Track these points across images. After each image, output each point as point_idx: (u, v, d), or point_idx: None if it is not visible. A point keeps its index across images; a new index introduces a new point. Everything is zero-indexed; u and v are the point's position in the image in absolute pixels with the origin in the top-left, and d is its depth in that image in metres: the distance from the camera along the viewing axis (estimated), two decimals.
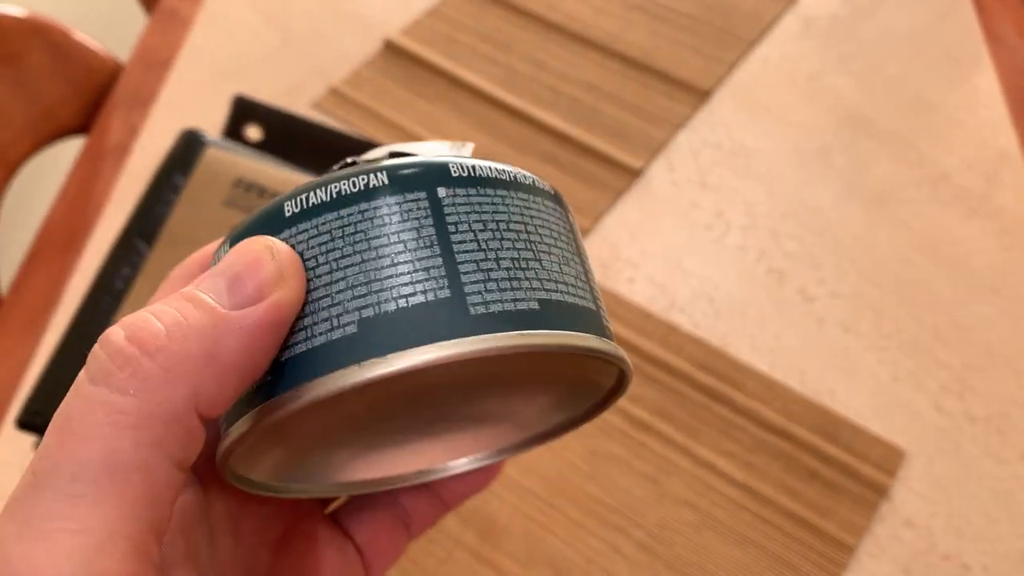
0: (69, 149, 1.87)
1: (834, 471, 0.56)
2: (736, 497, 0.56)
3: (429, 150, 0.24)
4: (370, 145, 0.66)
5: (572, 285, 0.21)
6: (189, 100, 0.77)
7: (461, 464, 0.28)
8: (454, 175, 0.20)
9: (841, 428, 0.58)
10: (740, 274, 0.66)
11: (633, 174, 0.71)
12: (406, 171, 0.20)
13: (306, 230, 0.19)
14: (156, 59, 0.81)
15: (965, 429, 0.58)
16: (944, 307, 0.64)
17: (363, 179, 0.19)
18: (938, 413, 0.59)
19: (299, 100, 0.77)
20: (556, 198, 0.23)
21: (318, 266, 0.19)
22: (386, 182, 0.20)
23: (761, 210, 0.69)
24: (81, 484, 0.16)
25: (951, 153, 0.73)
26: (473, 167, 0.21)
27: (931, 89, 0.78)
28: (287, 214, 0.20)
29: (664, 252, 0.67)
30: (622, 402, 0.59)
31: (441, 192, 0.20)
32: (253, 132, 0.67)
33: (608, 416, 0.58)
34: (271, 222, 0.20)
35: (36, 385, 0.52)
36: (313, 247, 0.19)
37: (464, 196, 0.20)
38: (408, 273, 0.19)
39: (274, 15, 0.85)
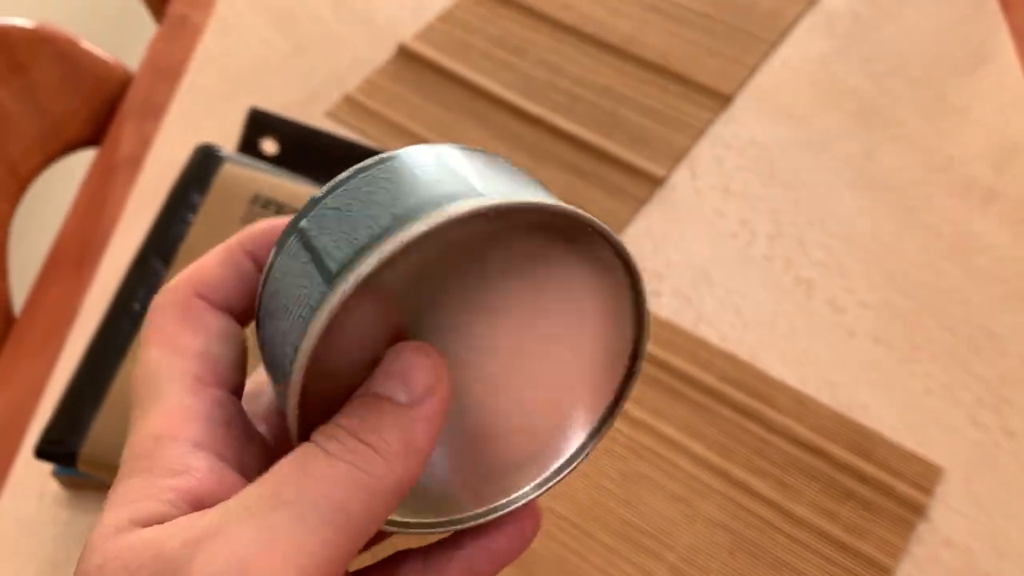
0: (81, 161, 1.85)
1: (870, 490, 0.55)
2: (771, 518, 0.54)
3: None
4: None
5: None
6: (201, 109, 0.76)
7: (526, 489, 0.28)
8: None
9: (876, 445, 0.57)
10: (767, 284, 0.64)
11: (656, 182, 0.70)
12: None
13: (360, 173, 0.23)
14: (166, 67, 0.80)
15: (1003, 444, 0.57)
16: (976, 317, 0.63)
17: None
18: (974, 427, 0.58)
19: (313, 109, 0.75)
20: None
21: (357, 195, 0.22)
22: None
23: (787, 218, 0.68)
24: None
25: (980, 157, 0.72)
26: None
27: (958, 91, 0.77)
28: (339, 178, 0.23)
29: (689, 263, 0.65)
30: (653, 420, 0.57)
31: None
32: (269, 146, 0.65)
33: (639, 436, 0.57)
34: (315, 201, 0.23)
35: (55, 414, 0.50)
36: (352, 192, 0.22)
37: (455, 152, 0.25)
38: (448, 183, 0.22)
39: (285, 21, 0.83)
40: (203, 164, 0.58)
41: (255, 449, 0.23)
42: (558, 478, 0.28)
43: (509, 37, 0.81)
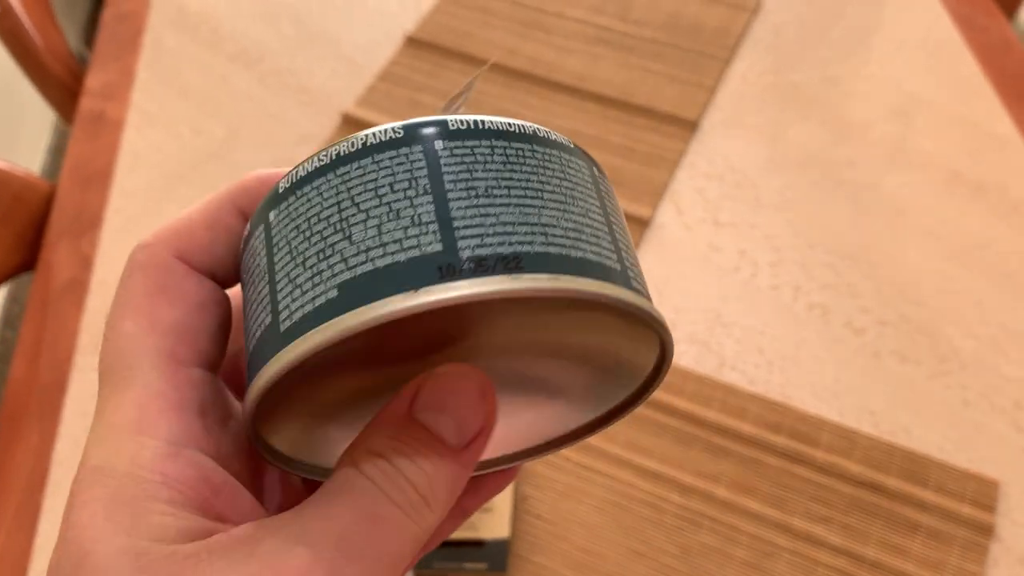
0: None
1: (934, 518, 0.53)
2: (843, 566, 0.52)
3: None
4: None
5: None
6: (140, 214, 0.69)
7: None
8: (452, 128, 0.20)
9: (929, 469, 0.55)
10: (781, 316, 0.62)
11: (642, 224, 0.67)
12: (405, 129, 0.20)
13: (303, 194, 0.20)
14: (90, 172, 0.73)
15: None
16: (992, 316, 0.62)
17: (364, 138, 0.20)
18: (1019, 434, 0.56)
19: None
20: (582, 155, 0.22)
21: (330, 216, 0.19)
22: (385, 139, 0.20)
23: (784, 242, 0.66)
24: None
25: (956, 148, 0.71)
26: (474, 121, 0.20)
27: (918, 84, 0.76)
28: (285, 185, 0.20)
29: (699, 306, 0.62)
30: (702, 484, 0.54)
31: (439, 145, 0.20)
32: None
33: (690, 503, 0.53)
34: (269, 201, 0.21)
35: None
36: (329, 201, 0.20)
37: (461, 147, 0.20)
38: (403, 228, 0.19)
39: (214, 103, 0.77)
40: None
41: (231, 436, 0.22)
42: (547, 452, 0.27)
43: (455, 89, 0.77)
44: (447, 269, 0.18)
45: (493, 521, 0.51)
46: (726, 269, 0.64)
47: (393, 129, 0.20)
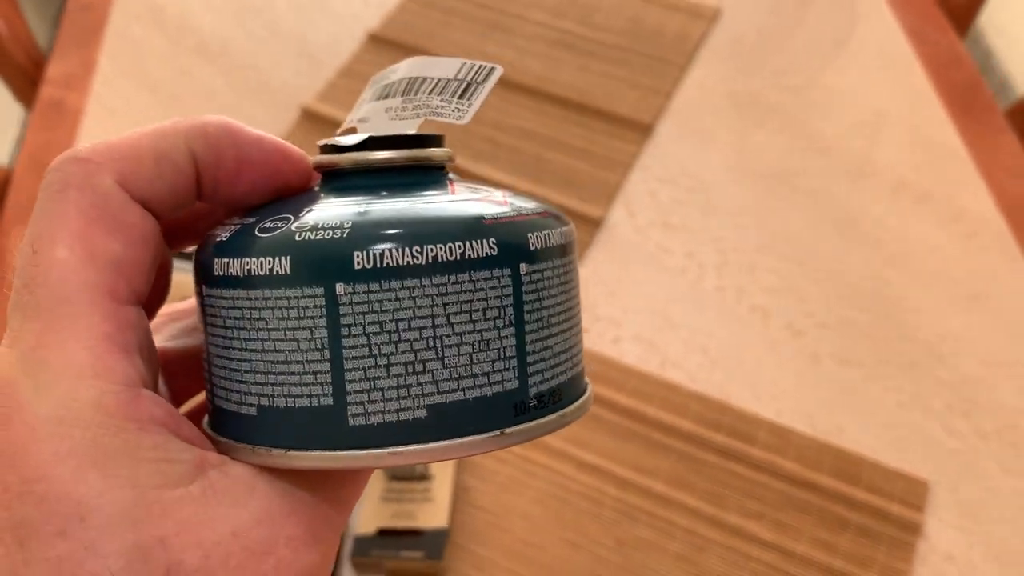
0: None
1: (864, 516, 0.55)
2: (773, 561, 0.53)
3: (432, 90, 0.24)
4: None
5: (484, 373, 0.20)
6: None
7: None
8: (357, 267, 0.19)
9: (861, 468, 0.56)
10: (725, 317, 0.63)
11: (594, 224, 0.68)
12: (308, 259, 0.19)
13: (226, 297, 0.20)
14: (47, 160, 0.73)
15: (979, 448, 0.57)
16: (928, 322, 0.63)
17: (269, 263, 0.19)
18: (950, 436, 0.58)
19: None
20: (504, 254, 0.20)
21: (232, 338, 0.20)
22: (288, 271, 0.19)
23: (730, 245, 0.67)
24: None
25: (904, 159, 0.73)
26: (380, 256, 0.19)
27: (871, 96, 0.78)
28: (216, 272, 0.20)
29: (645, 306, 0.63)
30: (641, 479, 0.55)
31: (339, 289, 0.19)
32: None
33: (629, 498, 0.54)
34: (203, 272, 0.21)
35: None
36: (232, 316, 0.20)
37: (364, 294, 0.19)
38: (298, 375, 0.19)
39: (173, 95, 0.78)
40: None
41: (155, 370, 0.21)
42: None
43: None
44: (520, 407, 0.20)
45: (432, 511, 0.52)
46: (673, 270, 0.66)
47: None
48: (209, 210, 0.24)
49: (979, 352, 0.62)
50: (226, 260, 0.20)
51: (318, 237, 0.19)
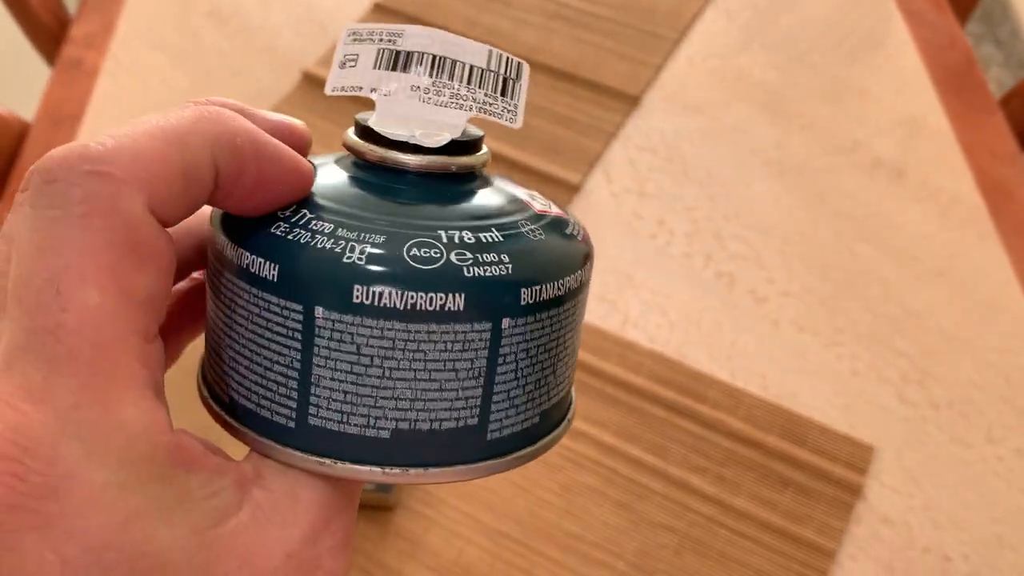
0: None
1: (806, 476, 0.56)
2: (712, 514, 0.55)
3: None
4: None
5: (569, 375, 0.23)
6: None
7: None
8: (522, 303, 0.20)
9: (808, 430, 0.58)
10: (690, 282, 0.65)
11: (571, 189, 0.70)
12: (482, 297, 0.19)
13: (368, 326, 0.19)
14: (63, 114, 0.77)
15: (930, 417, 0.58)
16: (894, 295, 0.64)
17: (440, 299, 0.19)
18: (902, 404, 0.59)
19: None
20: (584, 278, 0.23)
21: (372, 365, 0.19)
22: (461, 308, 0.19)
23: (703, 214, 0.69)
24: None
25: (884, 136, 0.74)
26: (539, 291, 0.20)
27: (858, 75, 0.78)
28: (355, 300, 0.19)
29: (612, 267, 0.65)
30: (590, 429, 0.57)
31: (505, 323, 0.20)
32: None
33: (577, 446, 0.57)
34: (335, 297, 0.19)
35: None
36: (374, 347, 0.19)
37: (523, 326, 0.20)
38: (450, 400, 0.20)
39: (183, 57, 0.81)
40: None
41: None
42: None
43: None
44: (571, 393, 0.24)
45: None
46: (643, 236, 0.67)
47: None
48: None
49: (942, 326, 0.62)
50: (377, 290, 0.19)
51: (488, 274, 0.19)
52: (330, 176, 0.22)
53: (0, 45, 1.98)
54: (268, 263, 0.19)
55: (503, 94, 0.22)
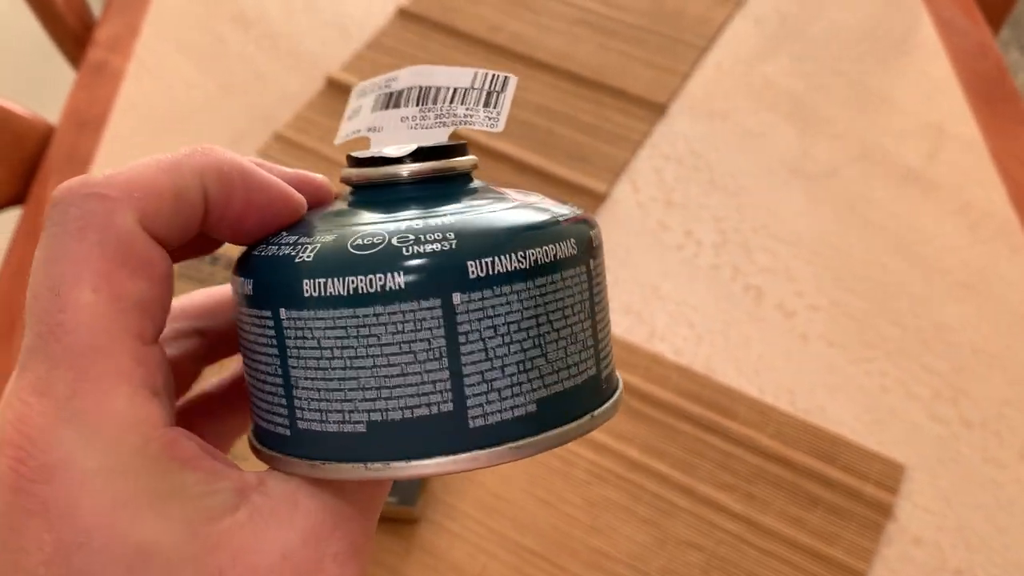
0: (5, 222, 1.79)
1: (836, 495, 0.55)
2: (740, 532, 0.54)
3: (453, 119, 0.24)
4: None
5: (575, 364, 0.21)
6: (128, 159, 0.73)
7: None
8: (472, 276, 0.20)
9: (838, 448, 0.57)
10: (717, 294, 0.64)
11: (598, 198, 0.69)
12: (423, 273, 0.19)
13: (321, 318, 0.20)
14: (88, 117, 0.77)
15: (962, 436, 0.57)
16: (923, 310, 0.63)
17: (380, 279, 0.19)
18: (933, 422, 0.58)
19: (243, 148, 0.73)
20: (581, 252, 0.22)
21: (334, 358, 0.20)
22: (402, 286, 0.19)
23: (730, 225, 0.68)
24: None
25: (914, 147, 0.73)
26: (491, 264, 0.20)
27: (887, 84, 0.77)
28: (305, 294, 0.20)
29: (637, 279, 0.65)
30: (615, 444, 0.57)
31: (456, 299, 0.20)
32: None
33: (602, 461, 0.56)
34: (290, 296, 0.20)
35: None
36: (330, 338, 0.20)
37: (479, 301, 0.20)
38: (415, 385, 0.19)
39: (208, 61, 0.81)
40: None
41: (174, 401, 0.22)
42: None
43: (440, 61, 0.80)
44: (599, 391, 0.22)
45: None
46: (671, 247, 0.67)
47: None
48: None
49: (972, 341, 0.61)
50: (321, 280, 0.20)
51: (428, 250, 0.19)
52: (331, 206, 0.23)
53: (25, 47, 2.00)
54: (247, 280, 0.21)
55: (487, 106, 0.24)
